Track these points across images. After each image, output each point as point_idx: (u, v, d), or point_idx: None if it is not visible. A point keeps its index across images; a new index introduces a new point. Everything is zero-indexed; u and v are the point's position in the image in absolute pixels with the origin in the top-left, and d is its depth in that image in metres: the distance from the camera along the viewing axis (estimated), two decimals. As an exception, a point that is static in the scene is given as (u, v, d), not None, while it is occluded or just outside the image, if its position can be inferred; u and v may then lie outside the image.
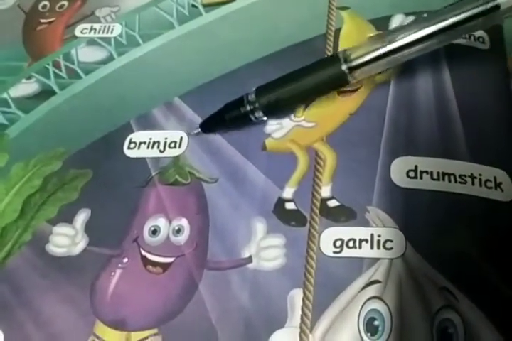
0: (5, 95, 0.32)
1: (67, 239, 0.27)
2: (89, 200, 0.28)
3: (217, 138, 0.28)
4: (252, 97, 0.27)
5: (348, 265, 0.24)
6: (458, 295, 0.23)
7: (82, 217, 0.28)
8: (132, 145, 0.29)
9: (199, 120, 0.29)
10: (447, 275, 0.23)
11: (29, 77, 0.33)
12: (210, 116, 0.28)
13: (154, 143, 0.29)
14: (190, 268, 0.25)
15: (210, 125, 0.28)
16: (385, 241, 0.24)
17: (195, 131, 0.29)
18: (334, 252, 0.24)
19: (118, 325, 0.25)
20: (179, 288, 0.25)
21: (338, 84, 0.27)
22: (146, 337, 0.24)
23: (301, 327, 0.23)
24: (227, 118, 0.28)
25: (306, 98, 0.28)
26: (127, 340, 0.25)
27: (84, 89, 0.32)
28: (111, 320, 0.25)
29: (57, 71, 0.32)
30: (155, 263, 0.26)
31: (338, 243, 0.24)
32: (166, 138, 0.29)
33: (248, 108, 0.27)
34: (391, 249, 0.24)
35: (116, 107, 0.31)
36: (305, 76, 0.27)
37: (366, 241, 0.24)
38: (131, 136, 0.29)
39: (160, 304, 0.25)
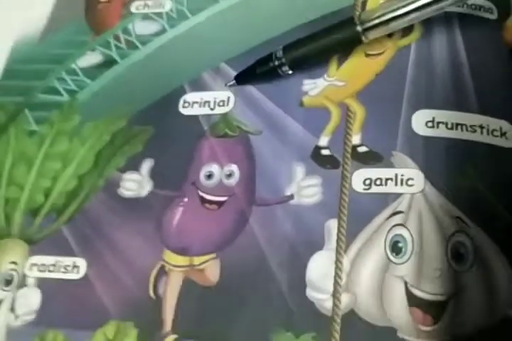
0: (74, 65, 0.37)
1: (135, 184, 0.32)
2: (152, 151, 0.33)
3: (260, 97, 0.33)
4: (279, 54, 0.31)
5: (376, 199, 0.28)
6: (469, 223, 0.27)
7: (147, 166, 0.32)
8: (186, 105, 0.34)
9: (243, 81, 0.33)
10: (460, 206, 0.27)
11: (93, 49, 0.37)
12: (244, 69, 0.32)
13: (205, 102, 0.34)
14: (241, 205, 0.30)
15: (244, 77, 0.32)
16: (407, 180, 0.28)
17: (231, 83, 0.33)
18: (364, 189, 0.29)
19: (182, 251, 0.30)
20: (232, 221, 0.30)
21: (353, 43, 0.31)
22: (207, 260, 0.29)
23: (336, 249, 0.28)
24: (258, 71, 0.32)
25: (326, 55, 0.32)
26: (191, 263, 0.29)
27: (142, 58, 0.36)
28: (176, 248, 0.30)
29: (117, 43, 0.37)
30: (211, 202, 0.31)
31: (367, 181, 0.29)
32: (215, 98, 0.34)
33: (276, 63, 0.31)
34: (412, 185, 0.28)
35: (171, 72, 0.35)
36: (325, 36, 0.31)
37: (391, 179, 0.28)
38: (184, 96, 0.34)
39: (216, 234, 0.30)
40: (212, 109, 0.33)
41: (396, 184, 0.28)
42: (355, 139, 0.30)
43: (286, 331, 0.26)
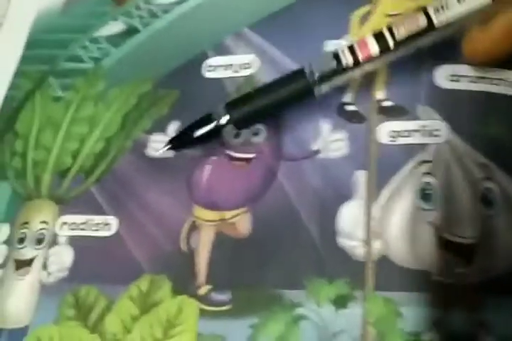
0: (96, 34, 0.38)
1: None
2: (179, 113, 0.33)
3: (284, 60, 0.33)
4: (222, 112, 0.29)
5: (403, 150, 0.29)
6: (495, 169, 0.27)
7: (173, 127, 0.33)
8: (210, 69, 0.34)
9: (265, 44, 0.34)
10: (485, 153, 0.28)
11: (115, 19, 0.38)
12: (179, 133, 0.30)
13: (229, 65, 0.34)
14: (268, 160, 0.31)
15: (180, 142, 0.30)
16: (433, 131, 0.29)
17: (165, 149, 0.30)
18: (390, 141, 0.29)
19: (213, 206, 0.30)
20: (261, 176, 0.30)
21: (304, 97, 0.28)
22: (238, 214, 0.30)
23: (366, 198, 0.28)
24: (197, 134, 0.29)
25: (275, 110, 0.29)
26: (222, 217, 0.30)
27: (164, 26, 0.37)
28: (206, 203, 0.30)
29: (139, 12, 0.38)
30: (239, 159, 0.31)
31: (393, 134, 0.29)
32: (238, 61, 0.34)
33: (219, 123, 0.29)
34: (438, 136, 0.29)
35: (193, 39, 0.36)
36: (272, 90, 0.28)
37: (417, 131, 0.29)
38: (208, 61, 0.35)
39: (246, 189, 0.30)
40: (236, 72, 0.33)
41: (422, 135, 0.29)
42: (380, 94, 0.30)
43: (320, 277, 0.27)
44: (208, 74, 0.34)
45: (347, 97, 0.31)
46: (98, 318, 0.29)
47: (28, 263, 0.31)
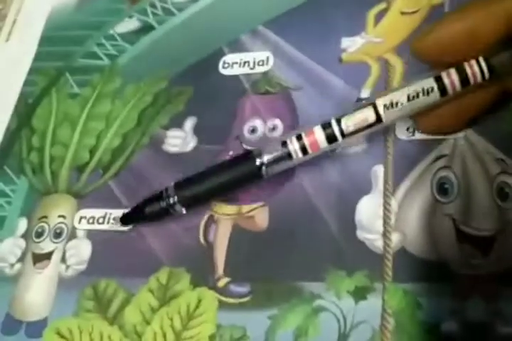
0: (112, 31, 0.38)
1: (180, 140, 0.33)
2: (195, 110, 0.34)
3: (299, 56, 0.34)
4: (171, 192, 0.28)
5: (420, 145, 0.29)
6: (511, 164, 0.28)
7: (190, 123, 0.33)
8: (226, 66, 0.35)
9: (281, 41, 0.34)
10: (502, 149, 0.28)
11: (131, 16, 0.38)
12: (130, 210, 0.29)
13: (245, 62, 0.34)
14: (286, 156, 0.31)
15: (131, 218, 0.30)
16: (450, 126, 0.29)
17: (117, 225, 0.30)
18: (407, 136, 0.29)
19: (230, 200, 0.31)
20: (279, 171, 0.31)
21: (252, 179, 0.28)
22: (255, 208, 0.30)
23: (384, 192, 0.28)
24: (147, 212, 0.29)
25: (223, 192, 0.29)
26: (239, 211, 0.30)
27: (180, 24, 0.37)
28: (223, 198, 0.31)
29: (154, 10, 0.38)
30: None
31: (411, 129, 0.30)
32: (254, 58, 0.34)
33: (168, 202, 0.28)
34: (455, 131, 0.29)
35: (209, 36, 0.36)
36: (221, 172, 0.28)
37: (434, 126, 0.29)
38: (224, 58, 0.35)
39: (264, 184, 0.30)
40: (252, 69, 0.34)
41: (439, 130, 0.29)
42: (396, 90, 0.31)
43: (339, 270, 0.27)
44: (224, 71, 0.34)
45: (364, 93, 0.31)
46: (117, 310, 0.29)
47: (47, 256, 0.31)
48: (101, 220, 0.31)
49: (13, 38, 0.39)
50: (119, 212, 0.31)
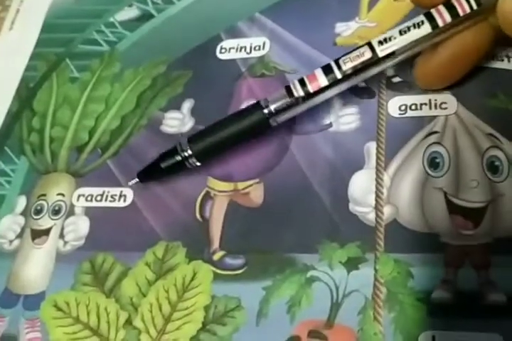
0: (112, 19, 0.39)
1: (177, 121, 0.34)
2: (192, 92, 0.34)
3: (294, 41, 0.35)
4: (185, 146, 0.29)
5: (412, 122, 0.30)
6: (501, 138, 0.28)
7: (187, 105, 0.34)
8: (223, 51, 0.35)
9: (278, 28, 0.35)
10: (492, 124, 0.29)
11: (130, 5, 0.39)
12: (147, 166, 0.30)
13: (241, 47, 0.35)
14: (281, 134, 0.31)
15: (148, 174, 0.30)
16: (441, 103, 0.30)
17: (133, 181, 0.31)
18: (400, 114, 0.30)
19: (226, 178, 0.31)
20: (273, 150, 0.31)
21: (261, 129, 0.29)
22: (251, 185, 0.31)
23: (376, 168, 0.29)
24: (163, 166, 0.29)
25: (234, 142, 0.30)
26: (235, 188, 0.31)
27: (179, 12, 0.38)
28: (219, 175, 0.31)
29: (153, -1, 0.39)
30: (252, 134, 0.32)
31: (403, 107, 0.30)
32: (251, 43, 0.35)
33: (183, 155, 0.29)
34: (446, 108, 0.30)
35: (207, 23, 0.37)
36: (231, 123, 0.29)
37: (425, 104, 0.30)
38: (221, 43, 0.36)
39: (258, 162, 0.31)
40: (248, 53, 0.35)
41: (430, 108, 0.30)
42: (390, 71, 0.31)
43: (332, 241, 0.28)
44: (221, 56, 0.35)
45: (357, 74, 0.32)
46: (114, 283, 0.29)
47: (46, 232, 0.31)
48: (99, 198, 0.32)
49: (16, 27, 0.39)
50: (116, 191, 0.32)
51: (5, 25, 0.39)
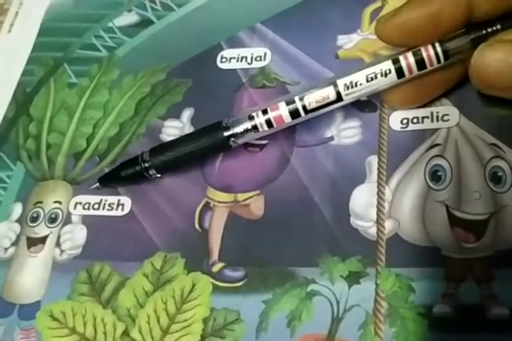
0: (111, 24, 0.39)
1: (177, 130, 0.33)
2: (192, 101, 0.34)
3: (296, 52, 0.34)
4: (146, 157, 0.30)
5: (414, 135, 0.30)
6: (505, 148, 0.28)
7: (187, 114, 0.34)
8: (224, 60, 0.35)
9: (279, 39, 0.35)
10: (495, 134, 0.29)
11: (129, 10, 0.39)
12: (108, 172, 0.31)
13: (242, 57, 0.35)
14: (282, 146, 0.31)
15: (108, 180, 0.31)
16: (443, 116, 0.30)
17: (94, 185, 0.31)
18: (401, 127, 0.30)
19: (226, 189, 0.31)
20: (274, 162, 0.31)
21: (221, 148, 0.30)
22: (251, 197, 0.30)
23: (378, 182, 0.29)
24: (123, 174, 0.30)
25: (194, 159, 0.31)
26: (235, 199, 0.31)
27: (179, 19, 0.38)
28: (220, 186, 0.31)
29: (153, 5, 0.39)
30: (253, 145, 0.32)
31: (405, 121, 0.30)
32: (252, 54, 0.35)
33: (143, 166, 0.30)
34: (448, 120, 0.30)
35: (208, 32, 0.37)
36: (192, 141, 0.30)
37: (427, 117, 0.30)
38: (222, 52, 0.36)
39: (259, 173, 0.31)
40: (249, 64, 0.35)
41: (432, 121, 0.30)
42: (391, 85, 0.31)
43: (333, 255, 0.28)
44: (222, 65, 0.35)
45: (358, 87, 0.32)
46: (111, 294, 0.29)
47: (42, 240, 0.31)
48: (96, 206, 0.32)
49: (14, 30, 0.39)
50: (114, 199, 0.31)
51: (3, 28, 0.39)
